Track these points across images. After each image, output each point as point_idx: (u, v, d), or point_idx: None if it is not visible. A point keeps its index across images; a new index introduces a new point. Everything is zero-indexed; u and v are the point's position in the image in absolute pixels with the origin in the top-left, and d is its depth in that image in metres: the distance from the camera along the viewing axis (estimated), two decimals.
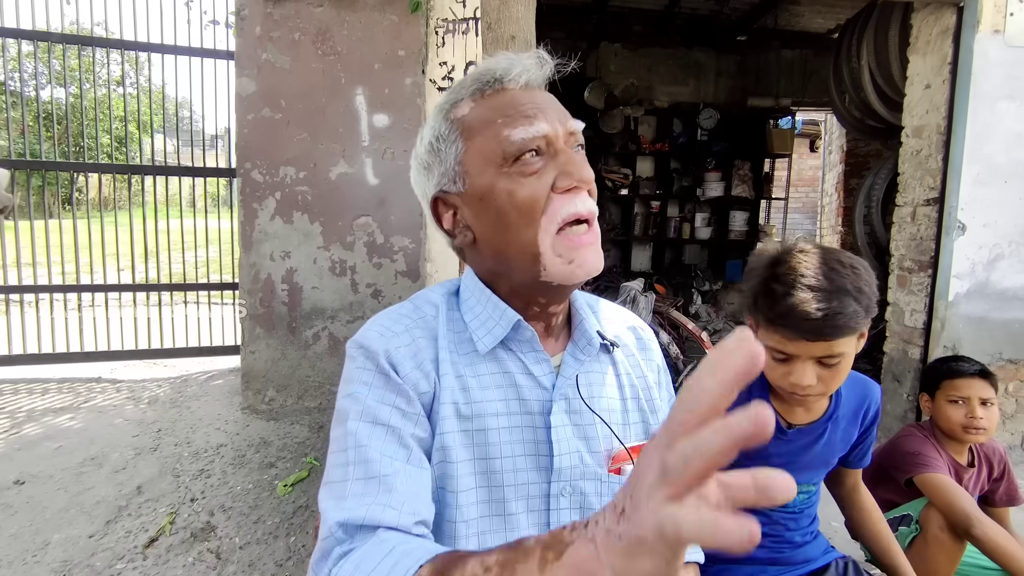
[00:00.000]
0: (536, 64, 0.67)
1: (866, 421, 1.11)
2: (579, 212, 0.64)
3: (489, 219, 0.66)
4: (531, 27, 1.67)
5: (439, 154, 0.68)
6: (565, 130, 0.66)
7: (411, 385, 0.64)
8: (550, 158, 0.65)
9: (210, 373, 3.23)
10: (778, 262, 0.92)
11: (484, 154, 0.65)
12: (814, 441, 1.07)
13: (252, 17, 2.44)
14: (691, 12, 5.42)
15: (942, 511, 1.41)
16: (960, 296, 2.73)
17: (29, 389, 2.92)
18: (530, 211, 0.63)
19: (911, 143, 2.98)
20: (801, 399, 0.97)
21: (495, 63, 0.67)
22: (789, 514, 1.12)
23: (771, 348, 0.94)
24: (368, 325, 0.70)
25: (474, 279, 0.73)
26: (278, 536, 1.86)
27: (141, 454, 2.28)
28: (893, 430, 2.82)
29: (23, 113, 3.21)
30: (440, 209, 0.71)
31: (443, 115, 0.69)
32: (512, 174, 0.63)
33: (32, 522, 1.87)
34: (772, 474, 0.27)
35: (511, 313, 0.69)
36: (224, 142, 3.91)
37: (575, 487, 0.68)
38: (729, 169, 5.97)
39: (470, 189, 0.66)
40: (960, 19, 2.71)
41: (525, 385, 0.69)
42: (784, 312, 0.88)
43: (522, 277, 0.67)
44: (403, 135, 2.54)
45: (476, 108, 0.67)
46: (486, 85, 0.67)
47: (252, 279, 2.53)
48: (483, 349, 0.69)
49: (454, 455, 0.64)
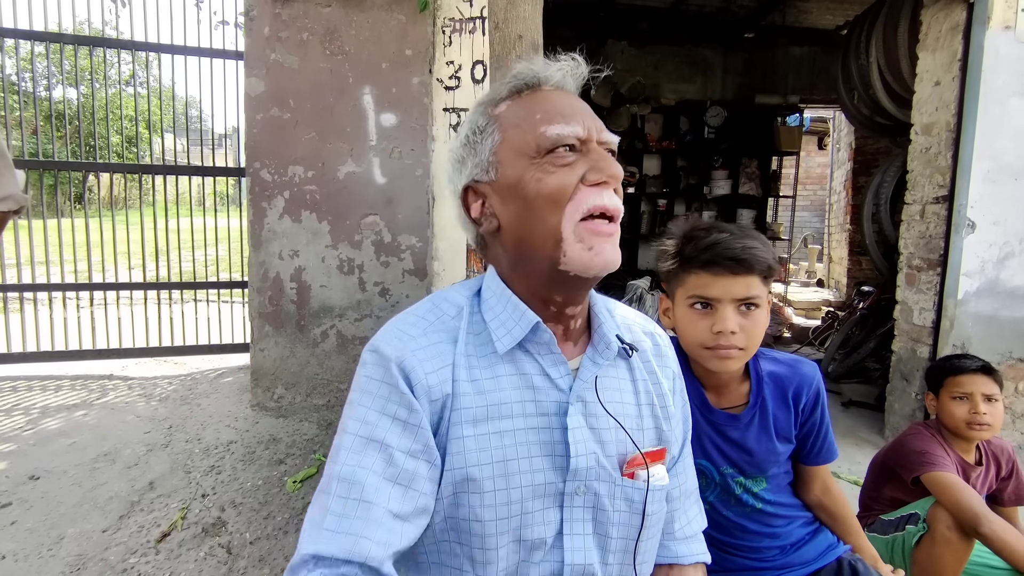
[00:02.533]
0: (572, 68, 0.72)
1: (802, 405, 1.09)
2: (605, 205, 0.66)
3: (516, 206, 0.68)
4: (538, 26, 1.68)
5: (474, 147, 0.72)
6: (599, 136, 0.69)
7: (423, 392, 0.65)
8: (582, 155, 0.68)
9: (220, 371, 3.26)
10: (692, 227, 1.05)
11: (518, 146, 0.68)
12: (746, 428, 1.06)
13: (261, 17, 2.46)
14: (698, 9, 5.40)
15: (950, 509, 1.40)
16: (969, 294, 2.72)
17: (43, 386, 2.96)
18: (558, 198, 0.65)
19: (920, 140, 2.96)
20: (726, 353, 0.98)
21: (534, 66, 0.71)
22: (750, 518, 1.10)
23: (694, 298, 1.01)
24: (386, 327, 0.71)
25: (495, 279, 0.74)
26: (288, 532, 1.88)
27: (153, 450, 2.32)
28: (900, 429, 2.81)
29: (35, 113, 3.25)
30: (469, 198, 0.73)
31: (482, 110, 0.73)
32: (544, 164, 0.66)
33: (47, 517, 1.90)
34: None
35: (530, 315, 0.70)
36: (232, 141, 3.94)
37: (590, 487, 0.70)
38: (736, 167, 5.94)
39: (501, 178, 0.69)
40: (970, 15, 2.69)
41: (542, 387, 0.70)
42: (708, 245, 0.98)
43: (541, 266, 0.68)
44: (410, 134, 2.55)
45: (513, 105, 0.71)
46: (524, 86, 0.71)
47: (261, 277, 2.56)
48: (502, 350, 0.70)
49: (470, 458, 0.66)
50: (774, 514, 1.10)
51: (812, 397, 1.09)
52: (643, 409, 0.76)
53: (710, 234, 0.99)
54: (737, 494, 1.09)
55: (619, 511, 0.71)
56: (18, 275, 3.26)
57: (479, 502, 0.65)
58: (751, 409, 1.07)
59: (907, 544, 1.49)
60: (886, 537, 1.55)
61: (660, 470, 0.74)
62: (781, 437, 1.08)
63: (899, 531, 1.53)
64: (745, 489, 1.09)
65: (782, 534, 1.10)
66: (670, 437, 0.78)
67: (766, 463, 1.08)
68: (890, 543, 1.54)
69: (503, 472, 0.66)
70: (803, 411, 1.09)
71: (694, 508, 0.85)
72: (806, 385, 1.08)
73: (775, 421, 1.07)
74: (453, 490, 0.66)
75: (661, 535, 0.79)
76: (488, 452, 0.66)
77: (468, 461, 0.66)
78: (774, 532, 1.10)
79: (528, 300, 0.71)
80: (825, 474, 1.16)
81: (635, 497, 0.72)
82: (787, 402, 1.08)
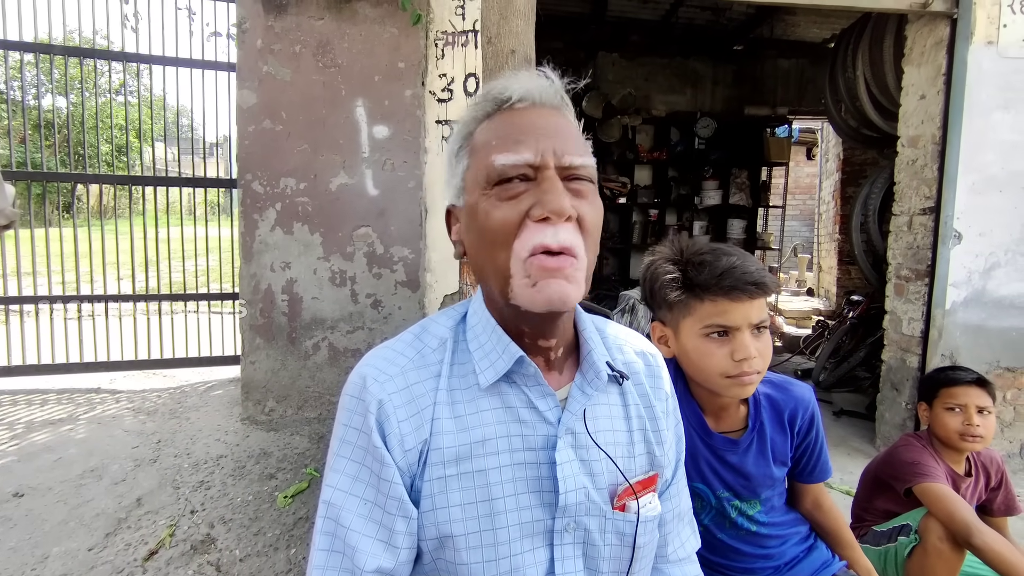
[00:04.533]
0: (546, 85, 0.68)
1: (798, 428, 1.08)
2: (547, 244, 0.60)
3: (473, 236, 0.67)
4: (531, 41, 1.69)
5: (452, 169, 0.71)
6: (558, 161, 0.63)
7: (396, 443, 0.64)
8: (535, 184, 0.63)
9: (210, 383, 3.23)
10: (693, 251, 1.02)
11: (475, 175, 0.66)
12: (744, 453, 1.06)
13: (253, 30, 2.46)
14: (688, 22, 5.47)
15: (942, 520, 1.41)
16: (957, 305, 2.75)
17: (28, 400, 2.92)
18: (504, 235, 0.62)
19: (907, 153, 3.01)
20: (749, 379, 0.96)
21: (508, 83, 0.68)
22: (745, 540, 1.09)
23: (712, 327, 0.97)
24: (366, 360, 0.69)
25: (482, 304, 0.72)
26: (278, 548, 1.86)
27: (141, 465, 2.28)
28: (892, 439, 2.83)
29: (24, 122, 3.22)
30: (451, 220, 0.74)
31: (459, 130, 0.72)
32: (491, 196, 0.63)
33: (31, 535, 1.87)
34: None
35: (514, 348, 0.67)
36: (223, 150, 3.93)
37: (579, 523, 0.68)
38: (727, 177, 6.01)
39: (465, 205, 0.68)
40: (954, 31, 2.74)
41: (529, 420, 0.68)
42: (725, 271, 0.95)
43: (497, 299, 0.67)
44: (403, 146, 2.56)
45: (483, 127, 0.68)
46: (497, 105, 0.68)
47: (252, 290, 2.54)
48: (484, 383, 0.67)
49: (452, 498, 0.64)
50: (768, 535, 1.10)
51: (807, 420, 1.08)
52: (635, 435, 0.74)
53: (720, 259, 0.97)
54: (732, 517, 1.09)
55: (610, 545, 0.70)
56: (3, 287, 3.21)
57: (464, 544, 0.64)
58: (750, 433, 1.06)
59: (899, 555, 1.50)
60: (879, 548, 1.55)
61: (651, 499, 0.73)
62: (778, 461, 1.08)
63: (891, 542, 1.54)
64: (740, 512, 1.09)
65: (776, 554, 1.10)
66: (663, 461, 0.76)
67: (762, 487, 1.08)
68: (883, 554, 1.54)
69: (488, 512, 0.64)
70: (799, 433, 1.08)
71: (687, 529, 0.84)
72: (801, 408, 1.08)
73: (772, 445, 1.07)
74: (437, 533, 0.64)
75: (654, 559, 0.78)
76: (472, 491, 0.65)
77: (451, 501, 0.64)
78: (768, 553, 1.10)
79: (506, 329, 0.69)
80: (817, 490, 1.16)
81: (626, 530, 0.70)
82: (783, 425, 1.08)
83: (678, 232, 6.04)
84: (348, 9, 2.48)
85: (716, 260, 0.98)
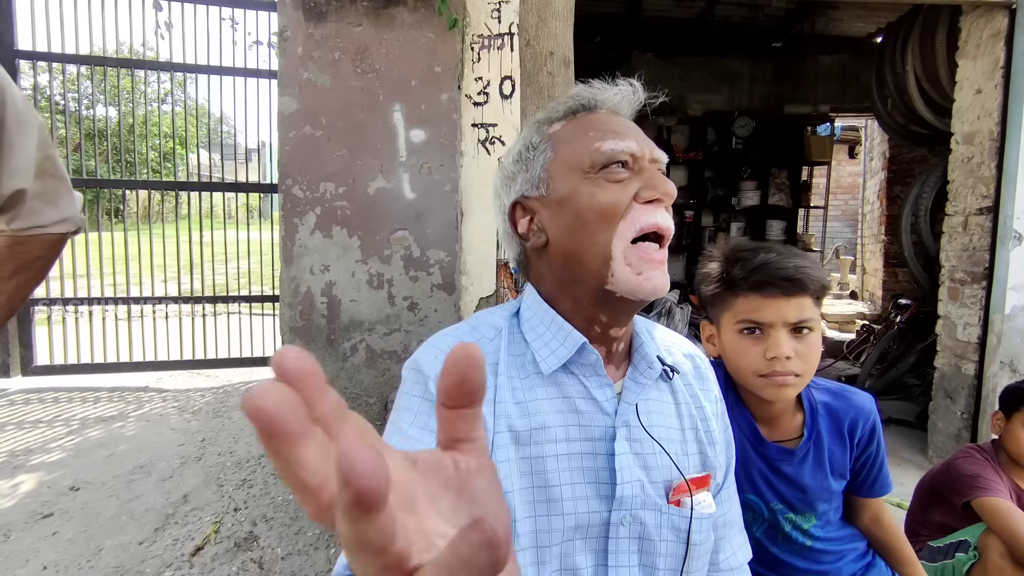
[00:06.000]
0: (629, 93, 0.73)
1: (858, 439, 1.03)
2: (658, 223, 0.66)
3: (566, 221, 0.67)
4: (569, 43, 1.68)
5: (526, 163, 0.72)
6: (651, 154, 0.69)
7: None
8: (635, 173, 0.68)
9: (251, 383, 3.31)
10: (735, 248, 1.02)
11: (571, 162, 0.68)
12: (800, 463, 1.02)
13: (294, 38, 2.52)
14: (725, 19, 5.35)
15: (1003, 538, 1.34)
16: (1017, 309, 2.61)
17: (83, 397, 3.05)
18: (611, 214, 0.65)
19: (961, 150, 2.87)
20: (783, 379, 0.93)
21: (591, 89, 0.72)
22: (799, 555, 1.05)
23: (744, 323, 0.96)
24: (425, 346, 0.70)
25: (536, 298, 0.72)
26: (318, 548, 1.89)
27: (187, 463, 2.35)
28: (946, 450, 2.70)
29: (80, 131, 3.37)
30: (517, 214, 0.73)
31: (536, 128, 0.73)
32: (597, 179, 0.66)
33: (86, 528, 1.94)
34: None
35: (576, 335, 0.68)
36: (262, 156, 4.03)
37: (635, 516, 0.67)
38: (765, 177, 5.85)
39: (552, 193, 0.69)
40: (1012, 21, 2.60)
41: (586, 411, 0.68)
42: (759, 266, 0.94)
43: (588, 284, 0.67)
44: (439, 150, 2.57)
45: (568, 125, 0.71)
46: (581, 107, 0.72)
47: (292, 292, 2.59)
48: (546, 371, 0.68)
49: (514, 483, 0.64)
50: (824, 550, 1.05)
51: (868, 430, 1.04)
52: (687, 433, 0.74)
53: (757, 254, 0.96)
54: (786, 531, 1.04)
55: (666, 541, 0.68)
56: (60, 288, 3.37)
57: (521, 529, 0.62)
58: (806, 443, 1.02)
59: (957, 572, 1.43)
60: (935, 564, 1.48)
61: (706, 497, 0.72)
62: (836, 473, 1.03)
63: (948, 559, 1.46)
64: (794, 526, 1.04)
65: (832, 571, 1.05)
66: (714, 463, 0.75)
67: (818, 500, 1.03)
68: (939, 571, 1.47)
69: (544, 498, 0.64)
70: (858, 445, 1.04)
71: (738, 538, 0.81)
72: (862, 418, 1.03)
73: (830, 456, 1.02)
74: None
75: (706, 567, 0.76)
76: (529, 476, 0.64)
77: (515, 485, 0.63)
78: (824, 570, 1.05)
79: (571, 320, 0.69)
80: (877, 505, 1.11)
81: (681, 526, 0.69)
82: (842, 436, 1.03)
83: (715, 234, 5.92)
84: (386, 15, 2.51)
85: (753, 256, 0.96)
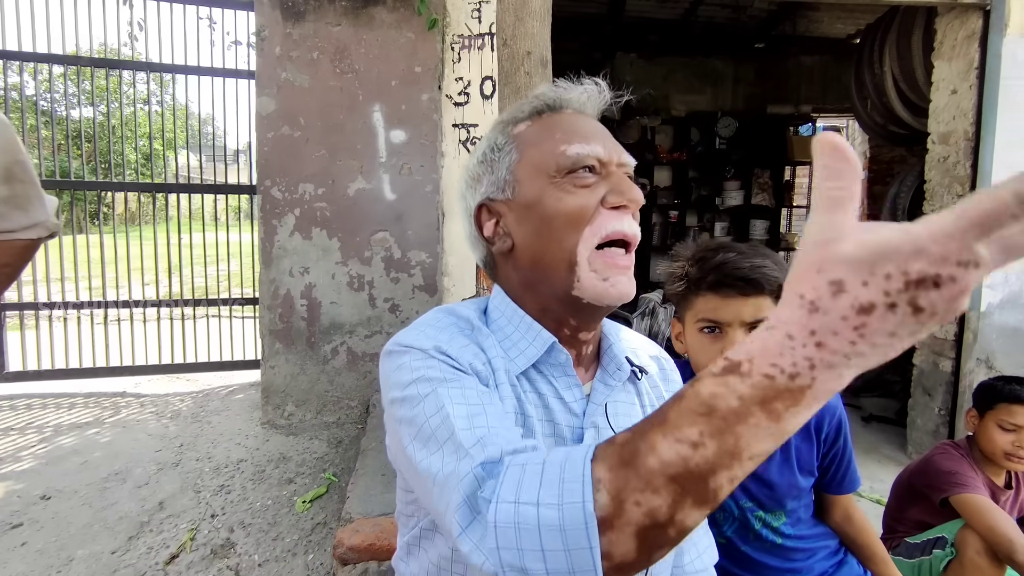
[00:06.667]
0: (595, 93, 0.71)
1: (824, 435, 1.04)
2: (624, 231, 0.65)
3: (532, 225, 0.66)
4: (547, 43, 1.67)
5: (491, 164, 0.70)
6: (619, 158, 0.68)
7: (473, 373, 0.61)
8: (602, 178, 0.66)
9: (231, 387, 3.27)
10: (698, 247, 1.03)
11: (537, 165, 0.67)
12: (768, 461, 1.00)
13: (272, 37, 2.49)
14: (708, 20, 5.38)
15: (982, 534, 1.35)
16: (993, 306, 2.65)
17: (57, 404, 2.98)
18: (577, 220, 0.64)
19: (938, 150, 2.91)
20: None
21: (556, 88, 0.71)
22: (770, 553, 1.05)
23: (703, 322, 0.98)
24: (404, 332, 0.66)
25: (504, 298, 0.71)
26: (296, 554, 1.86)
27: (163, 469, 2.31)
28: (924, 446, 2.74)
29: (53, 132, 3.31)
30: (483, 217, 0.72)
31: (501, 129, 0.72)
32: (563, 184, 0.65)
33: (57, 537, 1.90)
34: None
35: (546, 334, 0.67)
36: (246, 156, 3.98)
37: None
38: (748, 177, 5.89)
39: (518, 197, 0.67)
40: (987, 22, 2.65)
41: (556, 409, 0.67)
42: (716, 266, 0.95)
43: (554, 288, 0.66)
44: (420, 151, 2.55)
45: (533, 126, 0.70)
46: (546, 107, 0.70)
47: (272, 295, 2.56)
48: (515, 371, 0.67)
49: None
50: (795, 548, 1.06)
51: (835, 427, 1.04)
52: None
53: (717, 254, 0.97)
54: (756, 529, 1.05)
55: None
56: (34, 292, 3.30)
57: None
58: None
59: (935, 569, 1.43)
60: (912, 561, 1.49)
61: None
62: (804, 470, 1.04)
63: (926, 555, 1.47)
64: (764, 523, 1.05)
65: (803, 568, 1.06)
66: None
67: (787, 497, 1.04)
68: (916, 567, 1.48)
69: None
70: (825, 441, 1.04)
71: (704, 540, 0.81)
72: (828, 415, 1.04)
73: (797, 453, 1.03)
74: None
75: (670, 569, 0.75)
76: None
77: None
78: (795, 567, 1.06)
79: (540, 321, 0.69)
80: (847, 502, 1.11)
81: None
82: (809, 432, 1.04)
83: (699, 233, 5.95)
84: (365, 15, 2.49)
85: (713, 256, 0.97)
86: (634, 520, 0.39)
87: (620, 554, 0.39)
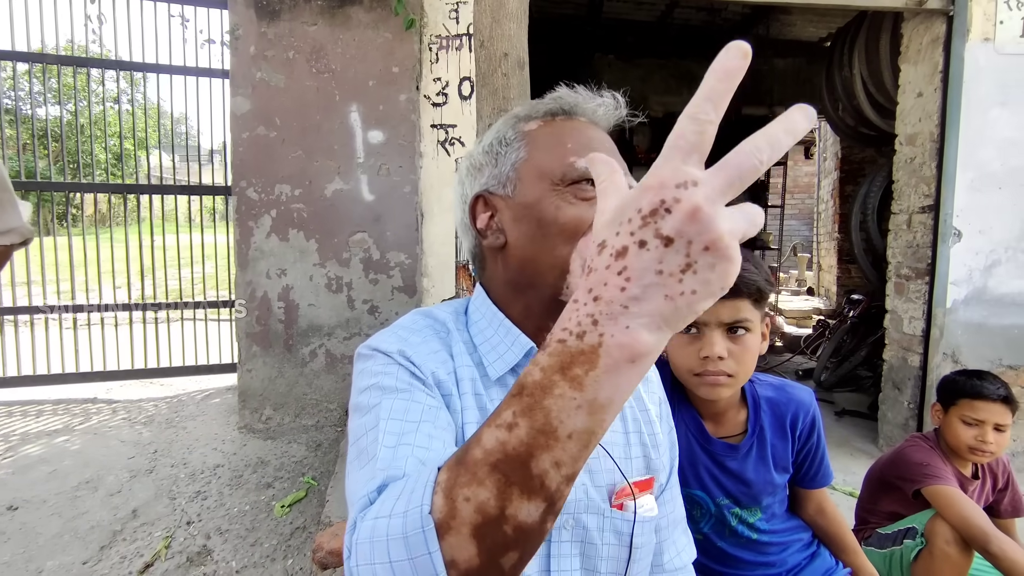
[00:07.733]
0: (612, 107, 0.72)
1: (799, 432, 1.06)
2: None
3: (528, 228, 0.66)
4: (524, 44, 1.68)
5: (496, 157, 0.70)
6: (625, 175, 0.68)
7: (432, 382, 0.61)
8: None
9: (207, 392, 3.21)
10: None
11: (543, 169, 0.67)
12: (744, 459, 1.04)
13: (247, 36, 2.45)
14: (684, 22, 5.46)
15: (954, 525, 1.38)
16: (958, 303, 2.73)
17: (24, 411, 2.89)
18: (573, 231, 0.64)
19: (905, 151, 2.99)
20: (715, 378, 0.94)
21: (575, 95, 0.71)
22: (745, 548, 1.07)
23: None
24: (378, 334, 0.67)
25: (486, 300, 0.71)
26: (275, 559, 1.84)
27: (137, 476, 2.26)
28: (895, 439, 2.81)
29: (18, 132, 3.21)
30: (478, 208, 0.71)
31: (512, 123, 0.72)
32: (565, 193, 0.65)
33: (25, 549, 1.84)
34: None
35: (524, 340, 0.67)
36: (221, 156, 3.92)
37: (578, 520, 0.67)
38: None
39: (518, 196, 0.67)
40: (950, 28, 2.73)
41: None
42: None
43: (542, 292, 0.66)
44: (398, 151, 2.54)
45: (545, 127, 0.70)
46: (561, 111, 0.71)
47: (248, 297, 2.52)
48: (494, 375, 0.67)
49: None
50: (769, 543, 1.08)
51: (808, 423, 1.06)
52: (631, 437, 0.74)
53: None
54: (732, 525, 1.07)
55: (608, 544, 0.68)
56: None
57: None
58: (749, 438, 1.04)
59: (905, 559, 1.47)
60: (883, 551, 1.53)
61: (648, 500, 0.72)
62: (779, 467, 1.06)
63: (897, 545, 1.51)
64: (740, 520, 1.07)
65: (777, 562, 1.08)
66: (658, 465, 0.76)
67: (763, 494, 1.05)
68: (887, 557, 1.52)
69: None
70: (800, 438, 1.06)
71: (683, 538, 0.82)
72: (802, 411, 1.06)
73: (773, 450, 1.05)
74: None
75: (649, 568, 0.76)
76: None
77: None
78: (770, 561, 1.08)
79: (521, 325, 0.69)
80: (820, 496, 1.14)
81: (623, 529, 0.69)
82: (784, 430, 1.05)
83: None
84: (341, 15, 2.47)
85: None
86: (467, 519, 0.37)
87: (463, 560, 0.37)
